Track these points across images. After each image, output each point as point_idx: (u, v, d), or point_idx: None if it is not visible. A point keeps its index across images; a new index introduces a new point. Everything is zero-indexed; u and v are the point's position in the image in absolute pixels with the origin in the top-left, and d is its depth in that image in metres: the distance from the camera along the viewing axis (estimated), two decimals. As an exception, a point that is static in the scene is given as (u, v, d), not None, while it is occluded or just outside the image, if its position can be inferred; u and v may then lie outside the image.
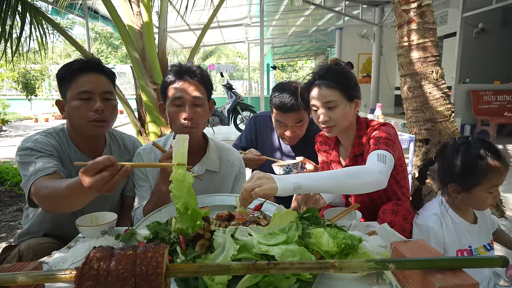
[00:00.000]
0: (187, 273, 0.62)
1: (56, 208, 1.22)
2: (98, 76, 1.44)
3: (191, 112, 1.42)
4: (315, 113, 1.55)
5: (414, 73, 2.62)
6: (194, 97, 1.43)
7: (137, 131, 3.38)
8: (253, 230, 0.95)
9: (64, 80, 1.42)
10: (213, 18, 3.57)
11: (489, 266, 0.71)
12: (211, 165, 1.56)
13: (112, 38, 24.89)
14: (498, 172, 1.29)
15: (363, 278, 0.93)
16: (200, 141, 1.57)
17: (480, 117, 7.21)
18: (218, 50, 27.81)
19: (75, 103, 1.39)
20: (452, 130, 2.62)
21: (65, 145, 1.48)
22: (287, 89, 1.81)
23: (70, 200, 1.11)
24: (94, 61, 1.47)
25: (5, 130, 10.17)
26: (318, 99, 1.50)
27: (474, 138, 1.35)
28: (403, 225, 1.42)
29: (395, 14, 2.70)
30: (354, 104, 1.53)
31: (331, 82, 1.47)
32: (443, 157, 1.39)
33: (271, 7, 9.51)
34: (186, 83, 1.44)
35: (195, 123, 1.44)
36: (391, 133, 1.47)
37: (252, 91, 16.75)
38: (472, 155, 1.30)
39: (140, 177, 1.54)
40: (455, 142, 1.37)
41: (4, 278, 0.60)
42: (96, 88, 1.41)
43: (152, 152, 1.56)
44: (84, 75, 1.41)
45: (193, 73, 1.46)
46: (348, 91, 1.49)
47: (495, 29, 8.40)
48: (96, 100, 1.41)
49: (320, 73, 1.52)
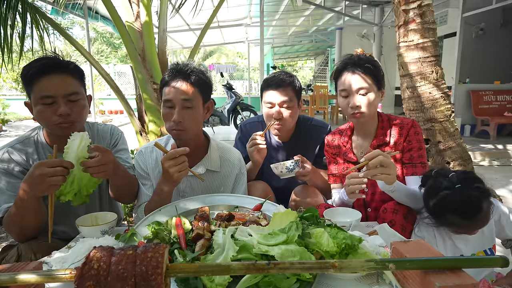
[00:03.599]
0: (187, 273, 0.62)
1: (26, 234, 1.29)
2: (61, 77, 1.35)
3: (179, 115, 1.41)
4: (344, 99, 1.57)
5: (414, 73, 2.62)
6: (184, 100, 1.41)
7: (137, 131, 3.38)
8: (253, 230, 0.95)
9: (26, 83, 1.34)
10: (213, 18, 3.57)
11: (489, 266, 0.71)
12: (212, 165, 1.56)
13: (112, 38, 24.88)
14: (466, 228, 1.27)
15: (363, 278, 0.93)
16: (199, 142, 1.57)
17: (480, 117, 7.20)
18: (218, 50, 27.80)
19: (38, 108, 1.33)
20: (452, 130, 2.62)
21: (40, 150, 1.44)
22: (277, 73, 1.88)
23: (24, 216, 1.22)
24: (54, 61, 1.37)
25: (5, 130, 10.16)
26: (351, 84, 1.53)
27: (456, 183, 1.26)
28: (403, 224, 1.42)
29: (395, 14, 2.70)
30: (381, 93, 1.58)
31: (364, 69, 1.52)
32: (428, 187, 1.36)
33: (271, 7, 9.51)
34: (178, 85, 1.42)
35: (183, 126, 1.42)
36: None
37: (252, 91, 16.74)
38: (445, 208, 1.25)
39: (141, 175, 1.56)
40: (439, 180, 1.31)
41: (4, 278, 0.60)
42: (58, 91, 1.32)
43: (154, 151, 1.56)
44: (44, 77, 1.32)
45: (186, 75, 1.43)
46: (378, 79, 1.54)
47: (495, 29, 8.40)
48: (60, 104, 1.32)
49: (351, 60, 1.56)
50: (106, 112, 15.27)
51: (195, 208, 1.30)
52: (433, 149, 2.64)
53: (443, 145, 2.60)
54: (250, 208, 1.30)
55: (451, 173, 1.31)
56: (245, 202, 1.35)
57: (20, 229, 1.28)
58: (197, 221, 1.14)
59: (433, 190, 1.30)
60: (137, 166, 1.57)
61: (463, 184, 1.24)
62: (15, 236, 1.32)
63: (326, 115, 10.60)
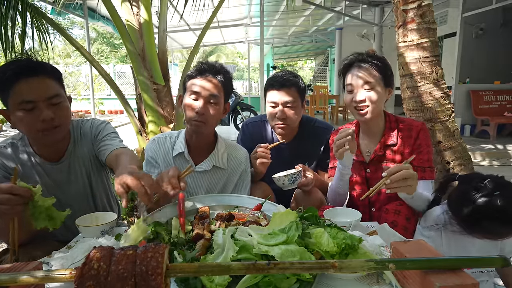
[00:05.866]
0: (187, 273, 0.62)
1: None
2: (40, 80, 1.25)
3: (203, 108, 1.46)
4: (349, 94, 1.57)
5: (414, 73, 2.61)
6: (211, 95, 1.47)
7: (137, 131, 3.38)
8: (253, 230, 0.95)
9: (1, 89, 1.25)
10: (213, 18, 3.57)
11: (489, 266, 0.71)
12: (219, 161, 1.59)
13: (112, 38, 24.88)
14: (503, 235, 1.19)
15: (363, 278, 0.93)
16: (210, 139, 1.61)
17: (480, 117, 7.20)
18: (218, 50, 27.80)
19: (18, 114, 1.23)
20: (452, 130, 2.62)
21: (24, 156, 1.37)
22: (281, 73, 1.88)
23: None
24: (29, 63, 1.28)
25: (5, 130, 10.17)
26: (357, 79, 1.53)
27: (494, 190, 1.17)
28: (405, 226, 1.40)
29: (395, 14, 2.70)
30: (387, 91, 1.57)
31: (372, 65, 1.53)
32: (458, 193, 1.27)
33: (271, 7, 9.51)
34: (206, 79, 1.47)
35: (205, 118, 1.47)
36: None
37: (252, 91, 16.75)
38: (484, 215, 1.16)
39: (150, 163, 1.59)
40: (477, 185, 1.21)
41: (4, 278, 0.60)
42: (39, 95, 1.23)
43: (167, 141, 1.60)
44: (22, 81, 1.22)
45: (216, 71, 1.49)
46: (386, 76, 1.54)
47: (495, 29, 8.40)
48: (42, 109, 1.23)
49: (360, 56, 1.57)
50: (106, 112, 15.27)
51: (195, 208, 1.30)
52: (434, 149, 2.64)
53: (443, 145, 2.60)
54: (250, 208, 1.30)
55: (479, 178, 1.23)
56: (245, 202, 1.35)
57: (6, 240, 1.22)
58: (197, 221, 1.14)
59: (466, 197, 1.21)
60: (147, 154, 1.60)
61: (501, 191, 1.17)
62: (4, 240, 1.29)
63: (326, 115, 10.60)
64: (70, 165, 1.46)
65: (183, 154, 1.56)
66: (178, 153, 1.57)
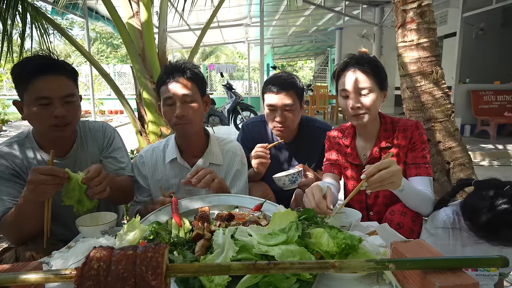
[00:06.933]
0: (187, 273, 0.62)
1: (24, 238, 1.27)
2: (57, 78, 1.31)
3: (181, 109, 1.46)
4: (345, 99, 1.53)
5: (414, 73, 2.61)
6: (184, 95, 1.46)
7: (137, 131, 3.38)
8: (253, 230, 0.94)
9: (19, 82, 1.30)
10: (213, 18, 3.56)
11: (489, 266, 0.71)
12: (215, 158, 1.59)
13: (112, 38, 24.88)
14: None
15: (363, 278, 0.93)
16: (202, 138, 1.62)
17: (480, 117, 7.20)
18: (218, 50, 27.81)
19: (33, 109, 1.29)
20: (452, 130, 2.62)
21: (30, 153, 1.41)
22: (278, 75, 1.87)
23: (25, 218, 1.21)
24: (50, 61, 1.33)
25: (5, 130, 10.17)
26: (352, 84, 1.50)
27: None
28: (411, 227, 1.39)
29: (394, 14, 2.70)
30: (383, 94, 1.55)
31: (366, 69, 1.49)
32: (475, 199, 1.22)
33: (271, 7, 9.52)
34: (174, 82, 1.47)
35: (187, 119, 1.47)
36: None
37: (252, 91, 16.76)
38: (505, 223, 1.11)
39: (140, 177, 1.60)
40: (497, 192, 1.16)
41: (4, 278, 0.60)
42: (55, 93, 1.29)
43: (154, 154, 1.61)
44: (40, 78, 1.27)
45: (181, 71, 1.48)
46: (381, 80, 1.51)
47: (495, 29, 8.40)
48: (56, 106, 1.29)
49: (354, 59, 1.52)
50: (106, 112, 15.27)
51: (195, 208, 1.30)
52: (433, 149, 2.64)
53: (443, 145, 2.60)
54: (250, 208, 1.30)
55: (498, 184, 1.20)
56: (245, 202, 1.34)
57: (18, 232, 1.27)
58: (197, 221, 1.14)
59: (485, 204, 1.17)
60: (136, 169, 1.62)
61: None
62: (12, 239, 1.31)
63: (326, 115, 10.60)
64: (75, 162, 1.49)
65: (176, 159, 1.56)
66: (170, 159, 1.57)
